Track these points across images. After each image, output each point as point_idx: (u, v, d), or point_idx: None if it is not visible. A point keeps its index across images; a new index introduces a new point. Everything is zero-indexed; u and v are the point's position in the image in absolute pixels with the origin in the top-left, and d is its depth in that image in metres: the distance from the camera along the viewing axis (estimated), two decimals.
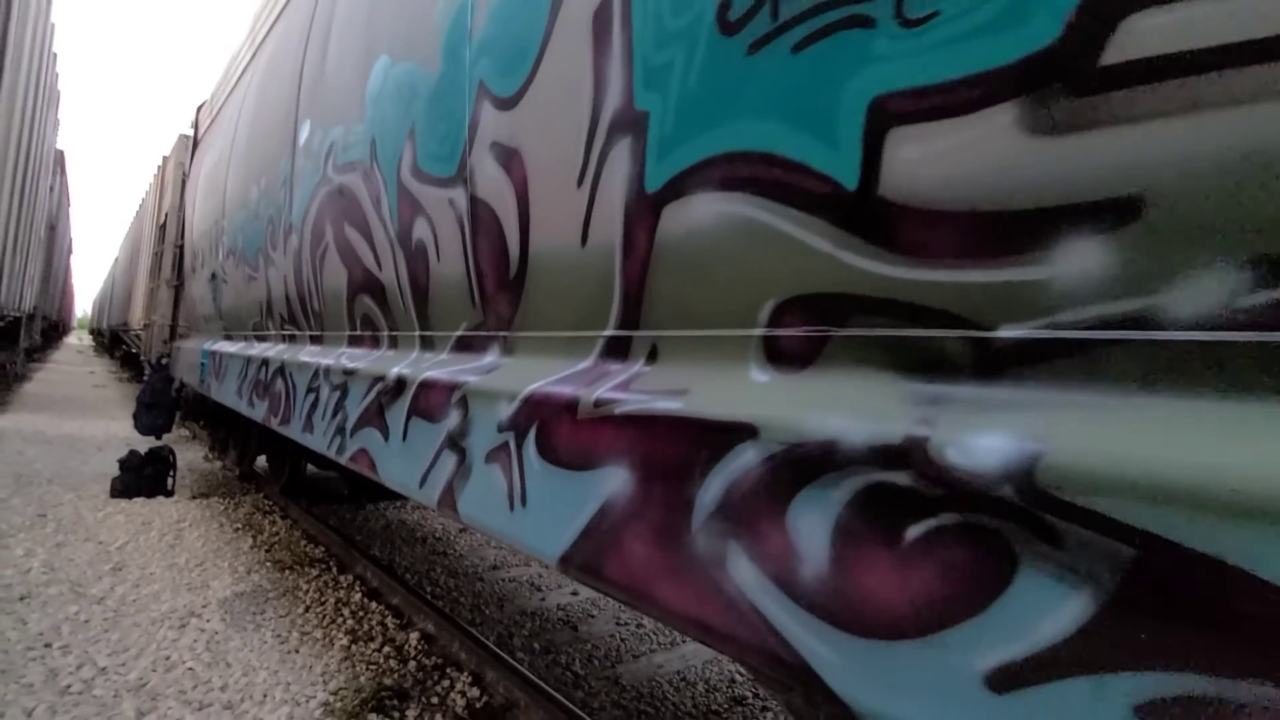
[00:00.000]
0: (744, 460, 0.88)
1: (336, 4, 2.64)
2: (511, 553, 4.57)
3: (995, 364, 0.72)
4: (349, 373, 2.21)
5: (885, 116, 0.79)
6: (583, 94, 1.25)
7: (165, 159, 10.82)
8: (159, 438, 6.12)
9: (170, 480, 5.34)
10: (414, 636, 3.05)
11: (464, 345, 1.72)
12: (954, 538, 0.67)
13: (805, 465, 0.81)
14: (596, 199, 1.23)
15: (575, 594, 3.91)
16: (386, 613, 3.32)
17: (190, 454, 7.08)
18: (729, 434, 0.91)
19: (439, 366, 1.73)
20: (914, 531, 0.70)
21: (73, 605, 3.10)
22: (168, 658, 2.68)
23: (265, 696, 2.46)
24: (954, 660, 0.65)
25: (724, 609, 0.88)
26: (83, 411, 9.87)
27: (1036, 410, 0.66)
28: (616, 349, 1.23)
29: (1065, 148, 0.65)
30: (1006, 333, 0.71)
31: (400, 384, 1.84)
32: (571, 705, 2.48)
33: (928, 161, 0.75)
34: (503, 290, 1.54)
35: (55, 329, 28.95)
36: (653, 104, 1.10)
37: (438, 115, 1.73)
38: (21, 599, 3.12)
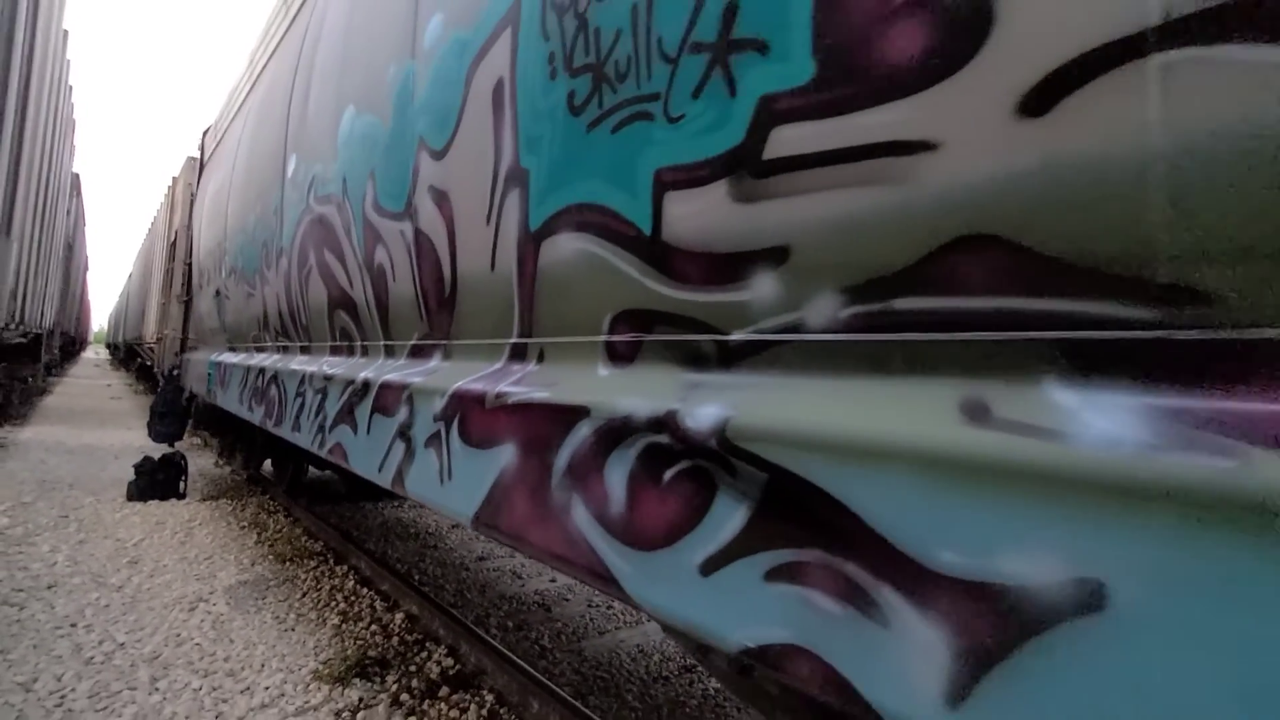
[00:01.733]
0: (582, 433, 1.20)
1: (316, 55, 2.99)
2: (498, 545, 4.89)
3: (729, 358, 1.03)
4: (328, 378, 2.55)
5: (663, 184, 1.10)
6: (487, 152, 1.57)
7: (175, 179, 11.28)
8: (172, 445, 6.51)
9: (182, 484, 5.71)
10: (399, 617, 3.38)
11: (416, 352, 2.05)
12: (687, 477, 0.98)
13: (615, 434, 1.12)
14: (499, 234, 1.55)
15: (553, 581, 4.22)
16: (376, 597, 3.64)
17: (201, 460, 7.48)
18: (575, 414, 1.23)
19: (396, 370, 2.05)
20: (668, 475, 1.01)
21: (94, 592, 3.46)
22: (178, 635, 3.03)
23: (263, 666, 2.79)
24: (684, 559, 0.96)
25: (568, 543, 1.20)
26: (101, 422, 10.31)
27: (739, 389, 0.97)
28: (519, 353, 1.55)
29: (750, 212, 0.96)
30: (735, 336, 1.02)
31: (366, 386, 2.16)
32: (534, 671, 2.79)
33: (685, 217, 1.06)
34: (441, 306, 1.86)
35: (73, 344, 29.70)
36: (531, 163, 1.42)
37: (391, 161, 2.06)
38: (49, 587, 3.49)
